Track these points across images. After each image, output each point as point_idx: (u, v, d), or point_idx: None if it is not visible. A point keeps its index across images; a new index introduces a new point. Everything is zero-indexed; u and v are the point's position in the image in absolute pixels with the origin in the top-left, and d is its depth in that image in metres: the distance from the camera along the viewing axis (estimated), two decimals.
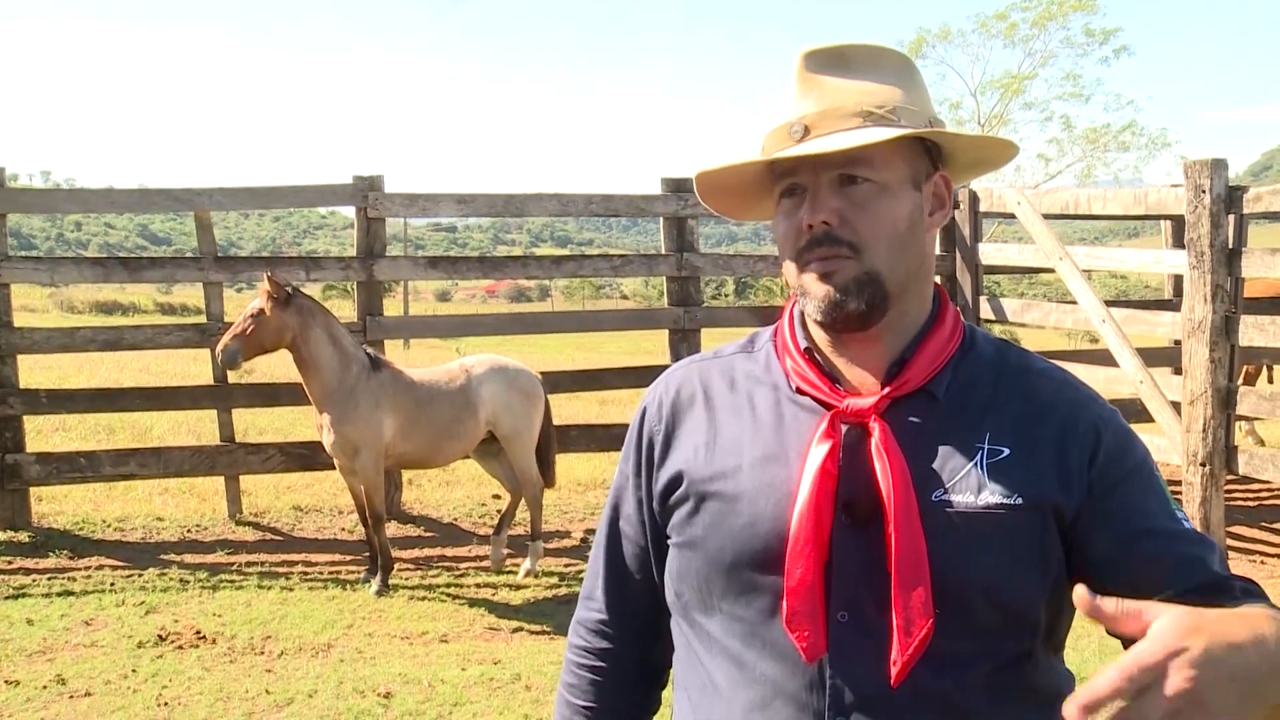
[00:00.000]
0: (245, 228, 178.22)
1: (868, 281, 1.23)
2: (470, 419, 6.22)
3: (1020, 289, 36.34)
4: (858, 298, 1.23)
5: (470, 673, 4.66)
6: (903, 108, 1.24)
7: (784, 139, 1.25)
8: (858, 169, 1.22)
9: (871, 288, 1.23)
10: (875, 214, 1.23)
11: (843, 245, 1.23)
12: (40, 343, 7.32)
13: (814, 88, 1.25)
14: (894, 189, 1.24)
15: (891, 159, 1.24)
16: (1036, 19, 28.93)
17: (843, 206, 1.23)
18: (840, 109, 1.23)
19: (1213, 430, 6.44)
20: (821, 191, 1.23)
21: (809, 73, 1.26)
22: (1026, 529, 1.21)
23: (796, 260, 1.26)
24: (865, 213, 1.23)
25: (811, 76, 1.26)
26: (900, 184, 1.25)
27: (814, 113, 1.24)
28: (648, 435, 1.39)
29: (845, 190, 1.23)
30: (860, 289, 1.23)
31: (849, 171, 1.22)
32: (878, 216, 1.23)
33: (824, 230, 1.23)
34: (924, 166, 1.28)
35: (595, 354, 22.10)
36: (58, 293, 37.38)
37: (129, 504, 7.59)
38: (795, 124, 1.24)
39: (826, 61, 1.26)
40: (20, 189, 9.40)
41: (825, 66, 1.26)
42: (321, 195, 8.04)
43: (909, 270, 1.26)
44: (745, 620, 1.25)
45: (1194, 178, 6.37)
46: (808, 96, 1.25)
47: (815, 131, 1.23)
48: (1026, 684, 1.23)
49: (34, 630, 5.25)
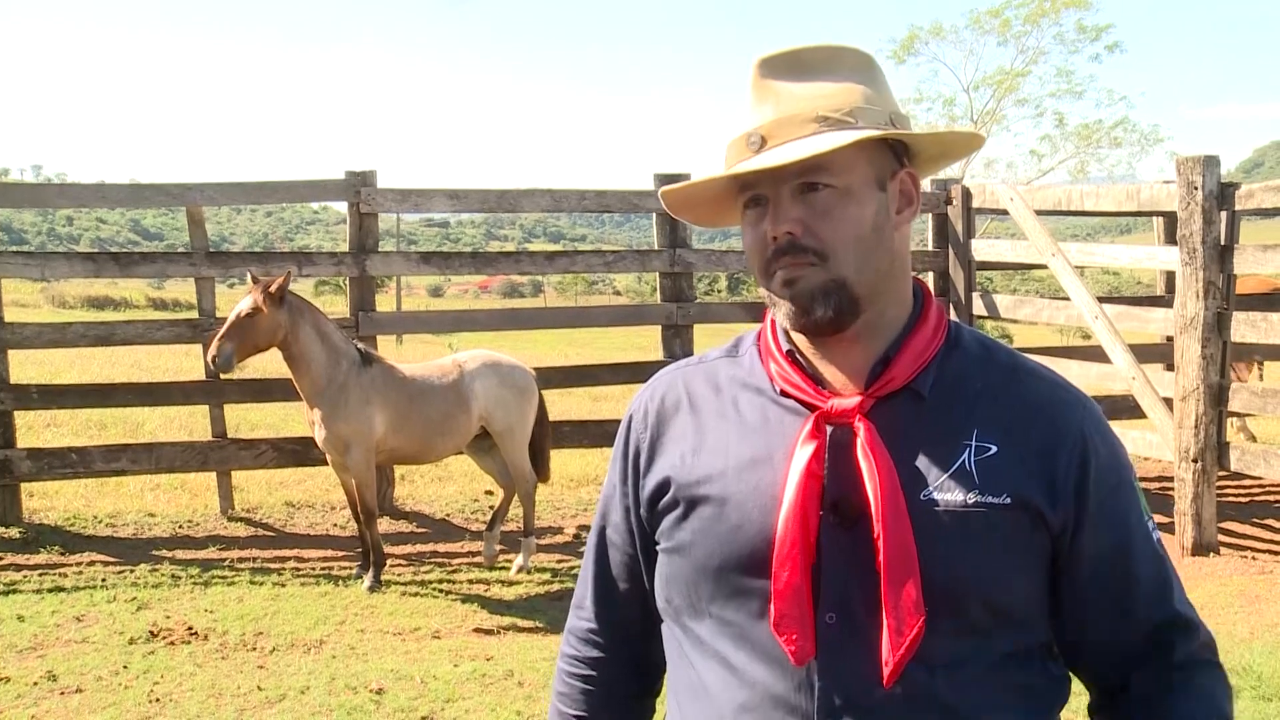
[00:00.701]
0: (237, 223, 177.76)
1: (834, 288, 1.22)
2: (462, 414, 6.22)
3: (1013, 285, 36.37)
4: (824, 305, 1.23)
5: (463, 669, 4.65)
6: (861, 108, 1.23)
7: (743, 150, 1.24)
8: (817, 176, 1.21)
9: (839, 294, 1.23)
10: (838, 220, 1.22)
11: (808, 253, 1.22)
12: (31, 338, 7.29)
13: (769, 95, 1.24)
14: (856, 192, 1.23)
15: (852, 162, 1.22)
16: (1030, 15, 28.95)
17: (805, 215, 1.22)
18: (795, 116, 1.22)
19: (1205, 426, 6.46)
20: (783, 202, 1.23)
21: (764, 79, 1.25)
22: (1014, 527, 1.21)
23: (764, 271, 1.26)
24: (828, 219, 1.22)
25: (766, 84, 1.25)
26: (863, 186, 1.24)
27: (769, 121, 1.23)
28: (634, 443, 1.38)
29: (806, 198, 1.22)
30: (827, 296, 1.22)
31: (808, 179, 1.22)
32: (841, 222, 1.22)
33: (788, 240, 1.22)
34: (888, 165, 1.27)
35: (588, 349, 22.11)
36: (49, 288, 37.23)
37: (120, 500, 7.57)
38: (753, 134, 1.24)
39: (782, 67, 1.25)
40: (11, 183, 9.35)
41: (781, 72, 1.25)
42: (314, 190, 8.02)
43: (879, 271, 1.25)
44: (734, 624, 1.25)
45: (1186, 174, 6.39)
46: (764, 104, 1.24)
47: (772, 141, 1.22)
48: (1018, 684, 1.23)
49: (25, 626, 5.23)
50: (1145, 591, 1.27)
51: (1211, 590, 5.74)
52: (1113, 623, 1.26)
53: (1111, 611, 1.26)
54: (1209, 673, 1.28)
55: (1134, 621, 1.26)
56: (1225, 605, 5.51)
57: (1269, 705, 4.09)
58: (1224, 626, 5.10)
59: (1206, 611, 5.19)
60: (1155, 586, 1.27)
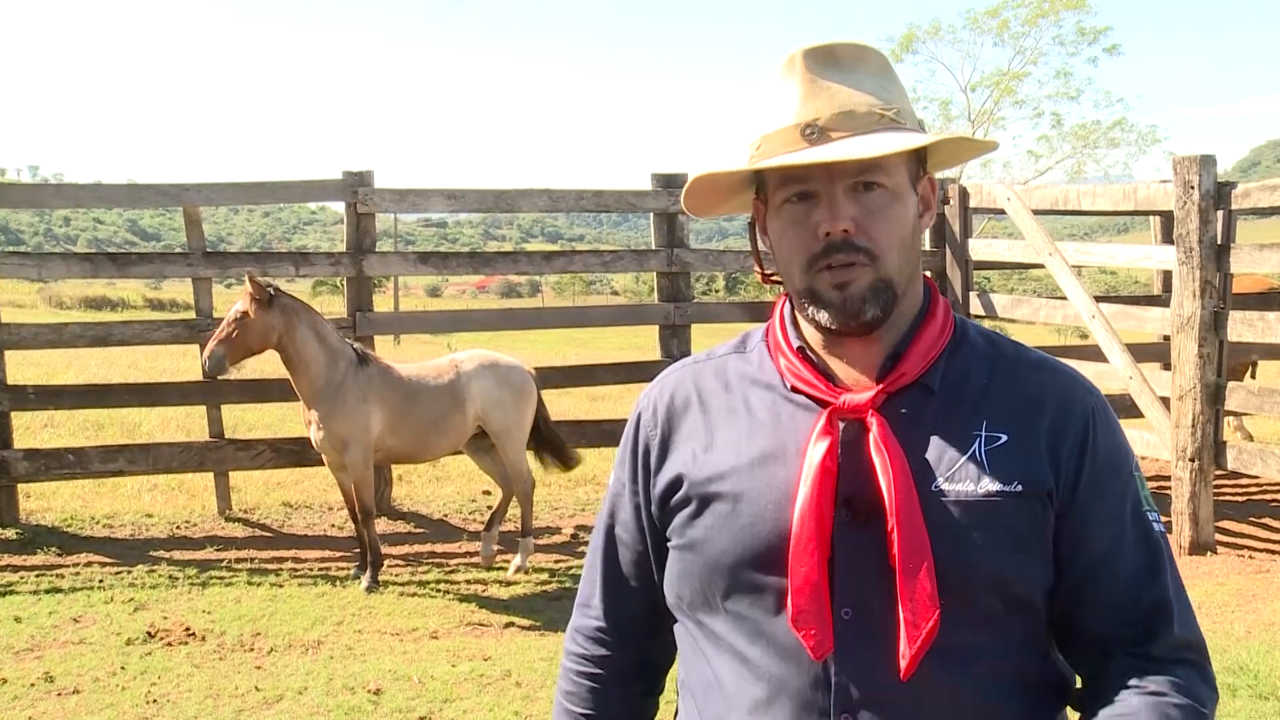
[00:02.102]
0: (235, 223, 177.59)
1: (883, 288, 1.23)
2: (459, 414, 6.21)
3: (1010, 285, 36.39)
4: (874, 304, 1.23)
5: (460, 669, 4.65)
6: (902, 109, 1.24)
7: (793, 141, 1.22)
8: (874, 175, 1.22)
9: (886, 294, 1.24)
10: (889, 220, 1.23)
11: (859, 252, 1.22)
12: (28, 338, 7.28)
13: (821, 89, 1.23)
14: (902, 194, 1.25)
15: (899, 164, 1.24)
16: (1028, 16, 28.96)
17: (858, 213, 1.22)
18: (854, 111, 1.22)
19: (1201, 425, 6.46)
20: (838, 198, 1.22)
21: (812, 74, 1.24)
22: (1027, 516, 1.22)
23: (809, 268, 1.24)
24: (880, 219, 1.22)
25: (815, 78, 1.24)
26: (906, 188, 1.25)
27: (829, 114, 1.22)
28: (643, 441, 1.38)
29: (860, 196, 1.22)
30: (876, 296, 1.23)
31: (866, 178, 1.22)
32: (891, 223, 1.23)
33: (843, 238, 1.22)
34: (916, 169, 1.28)
35: (586, 349, 22.09)
36: (46, 288, 37.22)
37: (118, 500, 7.56)
38: (809, 125, 1.22)
39: (825, 61, 1.25)
40: (8, 184, 9.35)
41: (825, 66, 1.25)
42: (311, 190, 8.01)
43: (911, 273, 1.27)
44: (749, 619, 1.25)
45: (1183, 174, 6.39)
46: (816, 98, 1.23)
47: (836, 134, 1.21)
48: (1031, 677, 1.25)
49: (22, 628, 5.22)
50: (1137, 578, 1.26)
51: (1208, 589, 5.74)
52: (1102, 607, 1.26)
53: (1102, 596, 1.25)
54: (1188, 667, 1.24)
55: (1123, 607, 1.26)
56: (1222, 604, 5.52)
57: (1265, 704, 4.10)
58: (1221, 625, 5.11)
59: (1203, 611, 5.20)
60: (1148, 575, 1.26)
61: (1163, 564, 1.28)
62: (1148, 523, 1.28)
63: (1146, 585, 1.26)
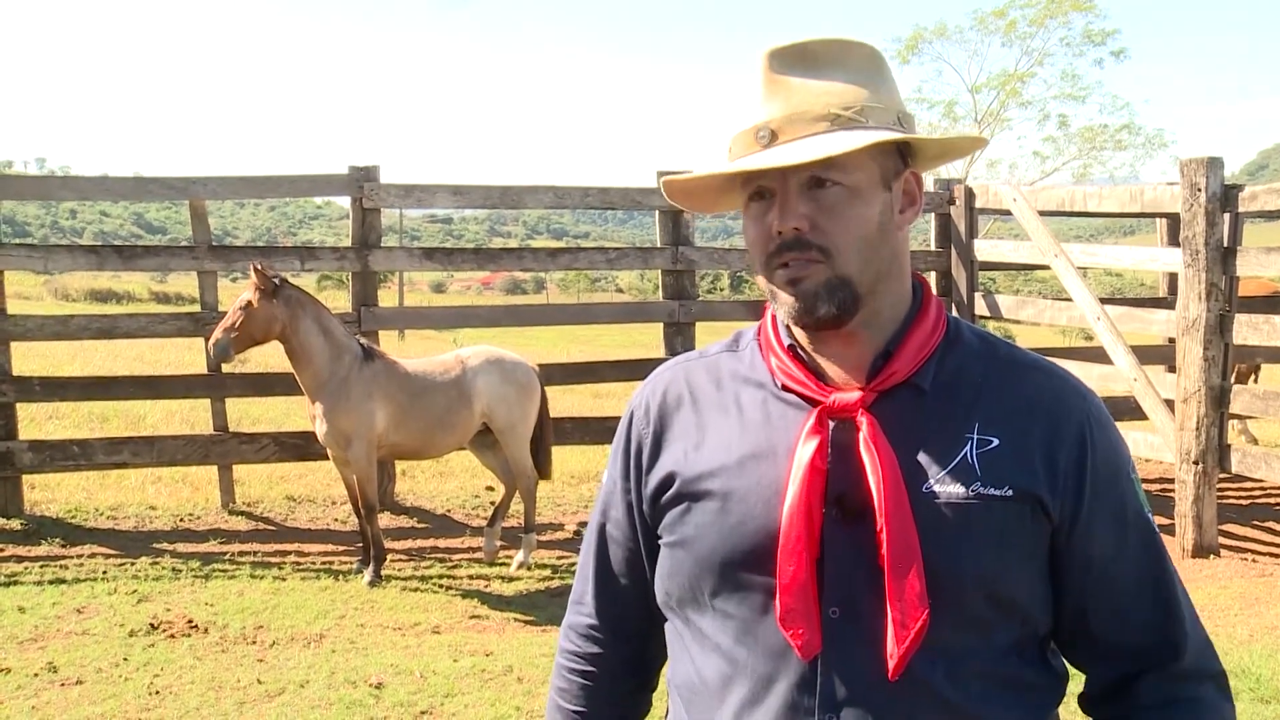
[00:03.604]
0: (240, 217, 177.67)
1: (838, 286, 1.22)
2: (464, 410, 6.22)
3: (1016, 286, 36.37)
4: (828, 302, 1.22)
5: (462, 664, 4.66)
6: (871, 107, 1.22)
7: (750, 144, 1.23)
8: (827, 172, 1.21)
9: (842, 291, 1.22)
10: (845, 218, 1.22)
11: (812, 249, 1.22)
12: (34, 330, 7.30)
13: (779, 89, 1.23)
14: (864, 192, 1.23)
15: (861, 161, 1.22)
16: (1036, 16, 28.88)
17: (812, 211, 1.21)
18: (807, 112, 1.21)
19: (1206, 429, 6.45)
20: (790, 197, 1.22)
21: (774, 73, 1.24)
22: (1016, 519, 1.22)
23: (766, 265, 1.25)
24: (835, 217, 1.21)
25: (776, 77, 1.24)
26: (870, 186, 1.23)
27: (780, 117, 1.22)
28: (636, 439, 1.38)
29: (814, 194, 1.22)
30: (830, 293, 1.22)
31: (820, 175, 1.21)
32: (848, 220, 1.22)
33: (794, 235, 1.22)
34: (894, 164, 1.27)
35: (590, 346, 22.11)
36: (52, 280, 37.25)
37: (122, 492, 7.58)
38: (761, 129, 1.22)
39: (792, 60, 1.24)
40: (15, 175, 9.36)
41: (790, 66, 1.24)
42: (317, 185, 8.02)
43: (880, 271, 1.25)
44: (737, 618, 1.25)
45: (1189, 176, 6.38)
46: (774, 99, 1.23)
47: (783, 137, 1.21)
48: (1019, 679, 1.24)
49: (25, 618, 5.24)
50: (1143, 585, 1.27)
51: (1212, 593, 5.74)
52: (1111, 615, 1.26)
53: (1110, 604, 1.26)
54: (1211, 686, 1.28)
55: (1132, 614, 1.26)
56: (1225, 608, 5.51)
57: (1267, 708, 4.10)
58: (1224, 629, 5.10)
59: (1206, 614, 5.19)
60: (1153, 581, 1.27)
61: (1166, 566, 1.29)
62: (1148, 525, 1.29)
63: (1152, 589, 1.27)
